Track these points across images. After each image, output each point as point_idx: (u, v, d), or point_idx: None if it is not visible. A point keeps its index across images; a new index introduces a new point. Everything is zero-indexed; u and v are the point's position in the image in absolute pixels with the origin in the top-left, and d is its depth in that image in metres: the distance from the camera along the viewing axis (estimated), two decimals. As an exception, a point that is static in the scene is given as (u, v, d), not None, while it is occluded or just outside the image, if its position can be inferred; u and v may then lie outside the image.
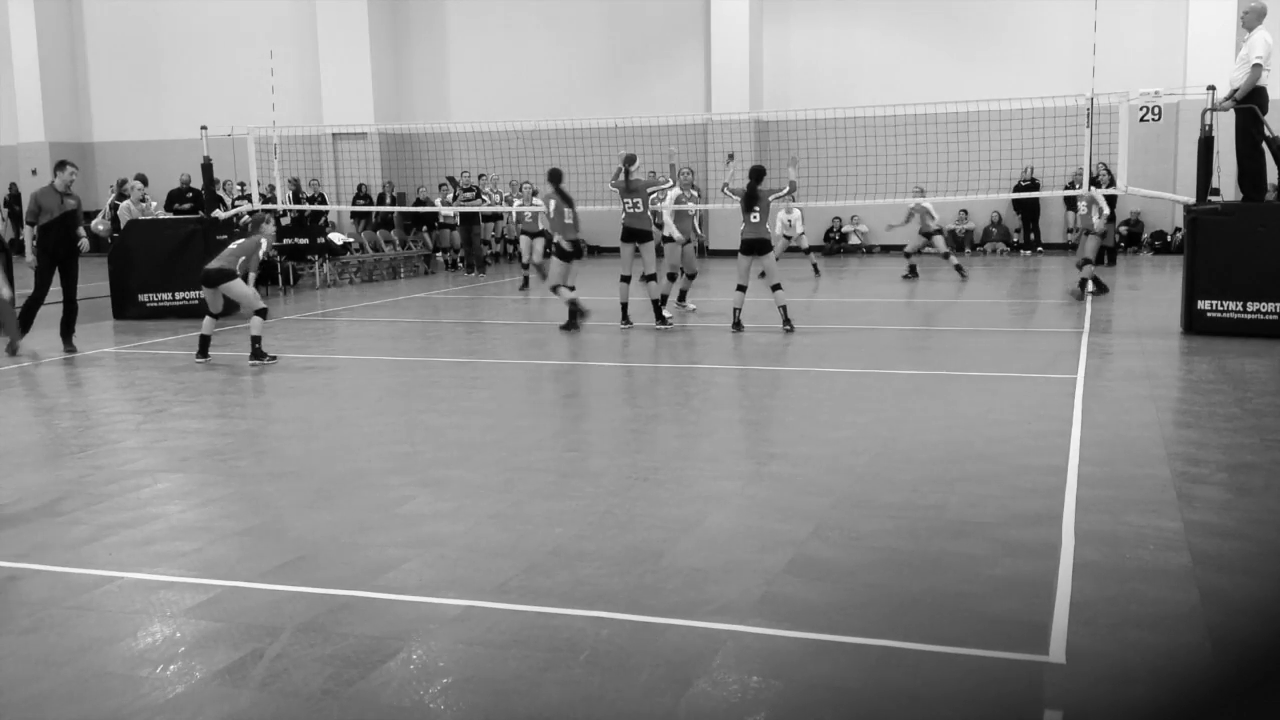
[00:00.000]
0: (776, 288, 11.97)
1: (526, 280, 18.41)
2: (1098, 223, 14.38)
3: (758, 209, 11.84)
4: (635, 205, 12.63)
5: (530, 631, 4.15)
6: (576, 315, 12.45)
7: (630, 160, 12.82)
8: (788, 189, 12.66)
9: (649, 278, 12.57)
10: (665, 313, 12.65)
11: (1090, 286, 14.49)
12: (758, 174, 12.14)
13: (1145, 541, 5.00)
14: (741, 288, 11.96)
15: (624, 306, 12.75)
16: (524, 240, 18.50)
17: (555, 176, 12.62)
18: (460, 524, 5.49)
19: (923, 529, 5.25)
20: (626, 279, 12.74)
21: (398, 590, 4.62)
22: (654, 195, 12.95)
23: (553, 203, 12.60)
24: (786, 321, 11.80)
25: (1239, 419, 7.51)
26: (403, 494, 6.06)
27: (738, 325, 11.93)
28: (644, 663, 3.85)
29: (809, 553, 4.93)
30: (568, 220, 12.52)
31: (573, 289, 12.51)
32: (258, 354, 10.51)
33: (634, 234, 12.61)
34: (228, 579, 4.79)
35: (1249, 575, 4.68)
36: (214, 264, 10.73)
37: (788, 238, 18.39)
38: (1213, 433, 7.15)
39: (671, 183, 13.55)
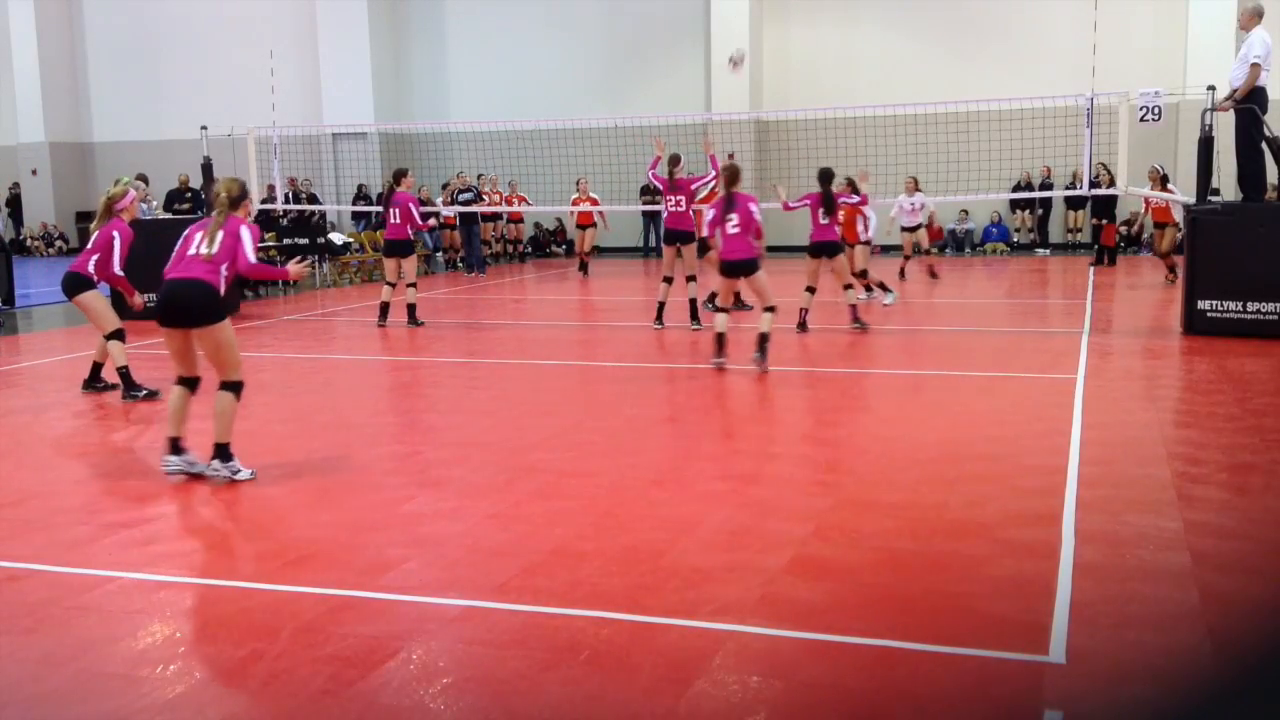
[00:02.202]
0: (848, 286, 12.14)
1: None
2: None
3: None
4: (679, 204, 12.50)
5: (530, 631, 4.15)
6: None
7: (676, 161, 12.70)
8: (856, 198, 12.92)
9: (692, 278, 12.45)
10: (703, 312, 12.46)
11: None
12: (828, 176, 11.85)
13: (1145, 541, 5.00)
14: (810, 289, 11.81)
15: (660, 306, 12.50)
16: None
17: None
18: (460, 524, 5.49)
19: (923, 529, 5.25)
20: (669, 280, 12.56)
21: (398, 590, 4.61)
22: (699, 190, 12.74)
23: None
24: (856, 319, 11.75)
25: (1239, 419, 7.51)
26: (403, 494, 6.06)
27: (802, 326, 11.73)
28: (644, 663, 3.85)
29: (809, 553, 4.93)
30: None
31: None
32: (129, 384, 8.87)
33: (678, 235, 12.48)
34: (228, 579, 4.79)
35: (1249, 575, 4.67)
36: (71, 266, 8.98)
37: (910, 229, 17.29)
38: (1213, 433, 7.15)
39: (715, 173, 13.25)
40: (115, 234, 8.75)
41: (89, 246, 8.92)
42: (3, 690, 3.78)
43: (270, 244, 18.15)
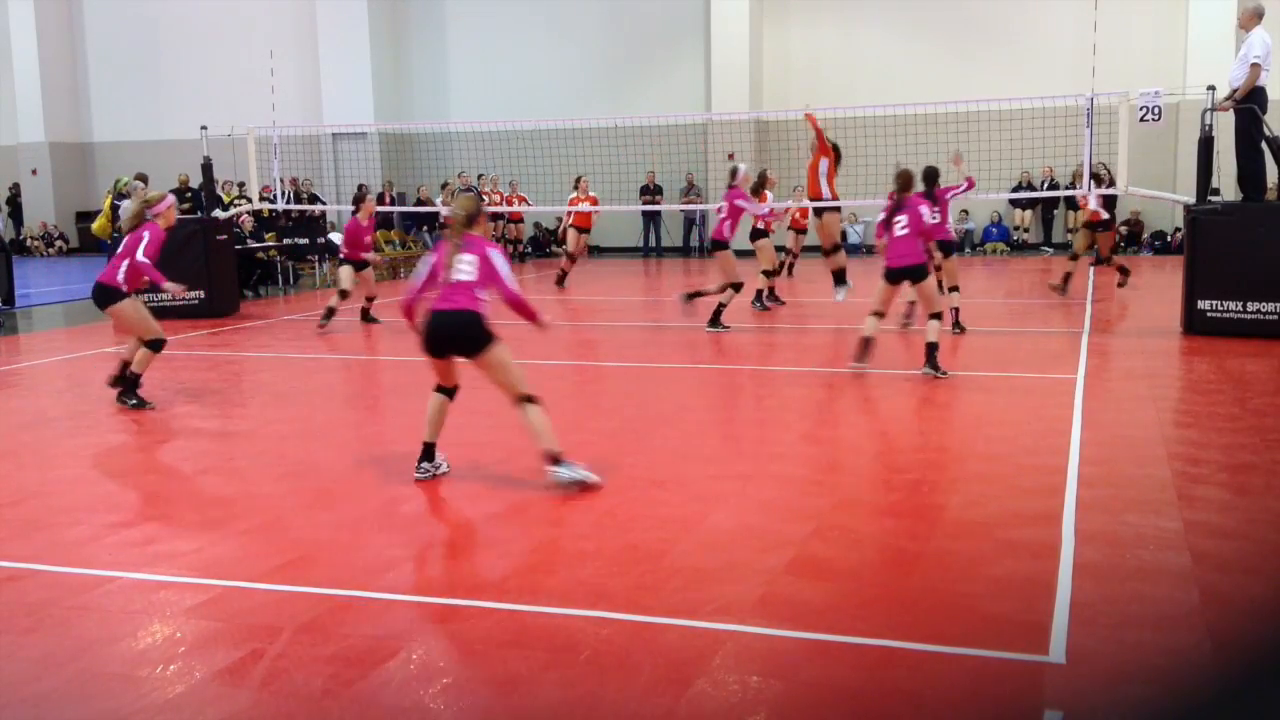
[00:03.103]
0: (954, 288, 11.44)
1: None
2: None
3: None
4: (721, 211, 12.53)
5: (530, 631, 4.15)
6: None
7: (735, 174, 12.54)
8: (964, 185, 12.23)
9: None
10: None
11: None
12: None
13: (1145, 541, 5.00)
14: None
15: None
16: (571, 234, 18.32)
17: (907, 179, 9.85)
18: (460, 524, 5.49)
19: (923, 529, 5.25)
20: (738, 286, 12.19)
21: (398, 590, 4.62)
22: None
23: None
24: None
25: (1239, 419, 7.51)
26: (403, 494, 6.06)
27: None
28: (644, 663, 3.85)
29: (809, 553, 4.93)
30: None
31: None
32: (131, 389, 8.56)
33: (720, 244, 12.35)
34: (228, 579, 4.79)
35: (1249, 575, 4.68)
36: (99, 277, 8.57)
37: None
38: (1213, 433, 7.15)
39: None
40: (145, 233, 8.42)
41: (119, 251, 8.57)
42: (3, 690, 3.78)
43: (270, 244, 18.16)
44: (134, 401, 8.49)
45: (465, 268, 6.06)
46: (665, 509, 5.67)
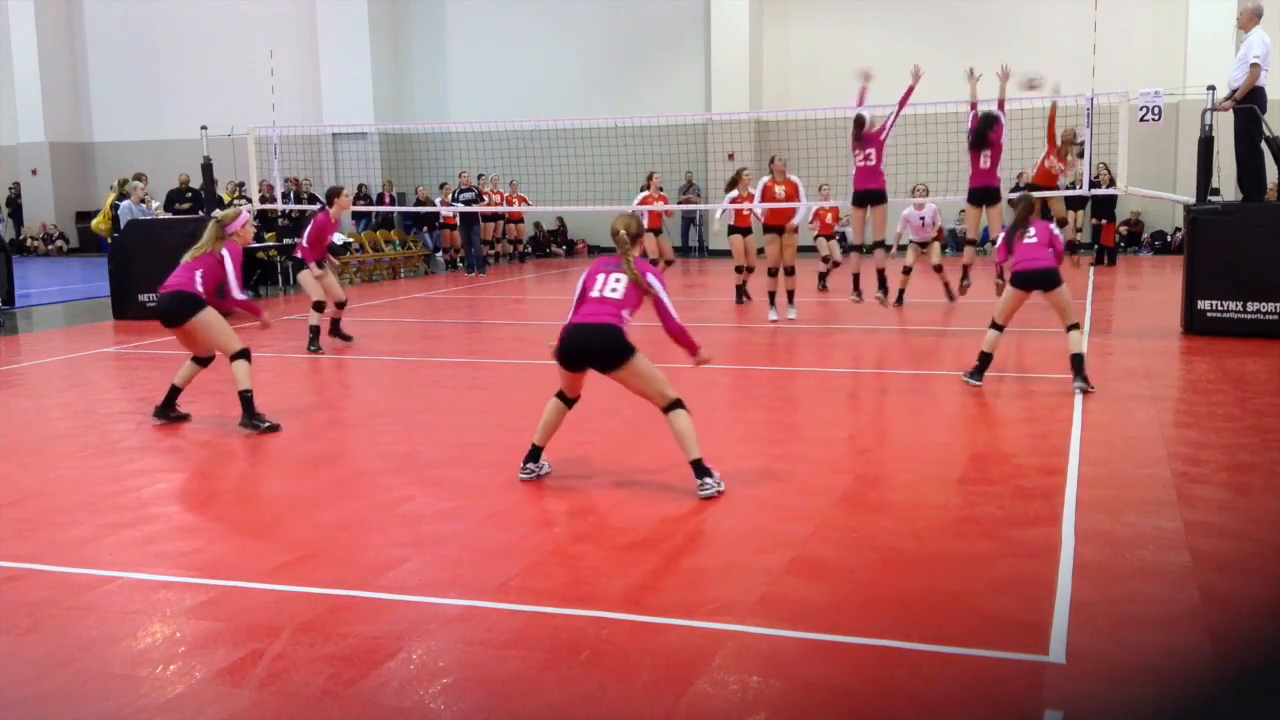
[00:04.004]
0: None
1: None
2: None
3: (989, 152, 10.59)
4: (867, 159, 12.99)
5: (530, 631, 4.15)
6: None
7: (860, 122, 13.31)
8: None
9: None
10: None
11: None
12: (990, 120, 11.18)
13: (1145, 541, 5.00)
14: (972, 242, 10.92)
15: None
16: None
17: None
18: (460, 524, 5.49)
19: (923, 529, 5.25)
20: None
21: (398, 590, 4.61)
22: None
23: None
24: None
25: (1239, 419, 7.51)
26: (403, 494, 6.06)
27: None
28: (644, 663, 3.85)
29: (809, 553, 4.93)
30: None
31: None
32: (250, 412, 7.70)
33: (868, 195, 12.76)
34: (228, 579, 4.79)
35: (1249, 575, 4.68)
36: (172, 284, 7.71)
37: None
38: (1213, 433, 7.15)
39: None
40: (225, 253, 7.71)
41: (188, 261, 7.74)
42: (3, 690, 3.78)
43: (270, 244, 18.16)
44: (264, 425, 7.58)
45: (617, 286, 6.01)
46: (665, 509, 5.67)
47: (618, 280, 6.04)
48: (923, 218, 15.28)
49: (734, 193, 14.23)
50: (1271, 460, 6.47)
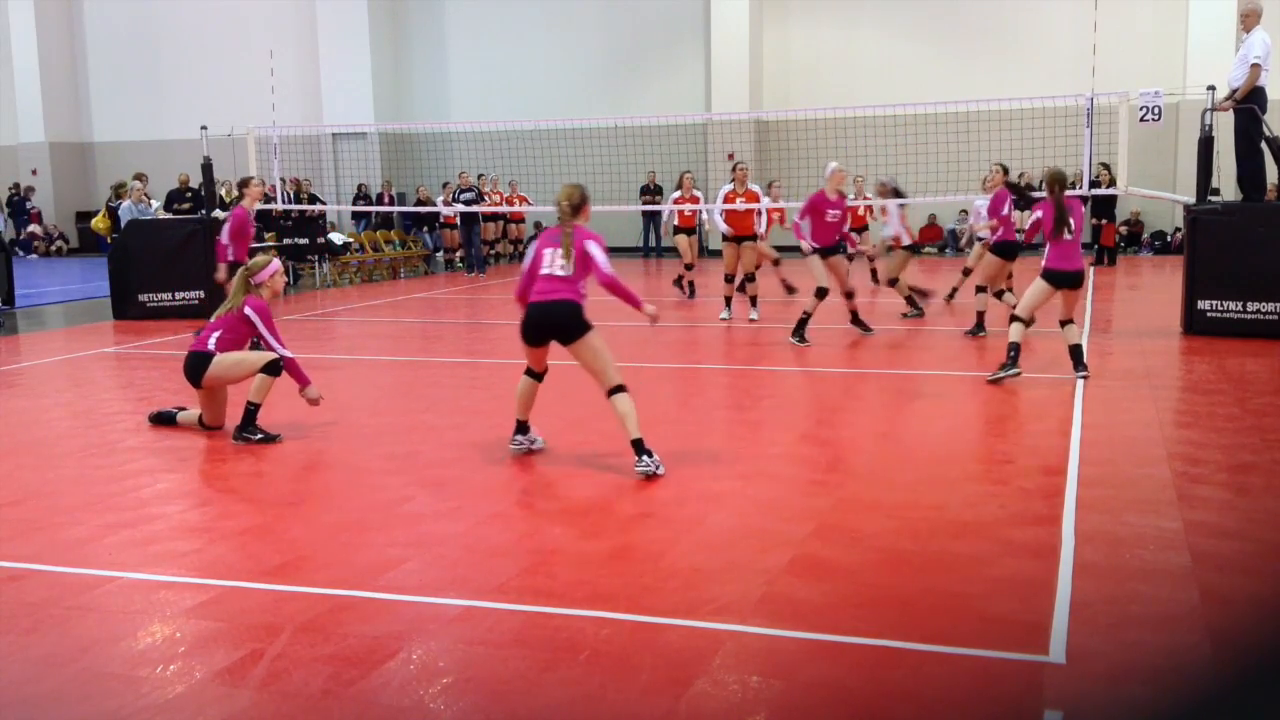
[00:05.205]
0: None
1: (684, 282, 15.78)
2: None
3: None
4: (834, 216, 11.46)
5: (530, 631, 4.15)
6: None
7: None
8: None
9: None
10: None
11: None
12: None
13: (1145, 541, 5.00)
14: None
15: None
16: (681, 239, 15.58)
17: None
18: (460, 524, 5.49)
19: (923, 529, 5.25)
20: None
21: (398, 590, 4.61)
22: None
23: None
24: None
25: (1239, 419, 7.51)
26: (403, 494, 6.06)
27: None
28: (644, 663, 3.85)
29: (809, 553, 4.93)
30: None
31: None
32: (248, 422, 7.38)
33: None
34: (228, 579, 4.79)
35: (1249, 575, 4.68)
36: (194, 345, 7.58)
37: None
38: (1213, 433, 7.15)
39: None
40: (249, 311, 7.45)
41: (212, 321, 7.64)
42: (3, 690, 3.78)
43: (270, 244, 18.16)
44: (257, 437, 7.32)
45: (564, 263, 6.37)
46: (665, 509, 5.67)
47: (567, 255, 6.38)
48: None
49: (677, 194, 15.26)
50: (1271, 460, 6.47)
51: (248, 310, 7.48)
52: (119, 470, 6.73)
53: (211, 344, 7.47)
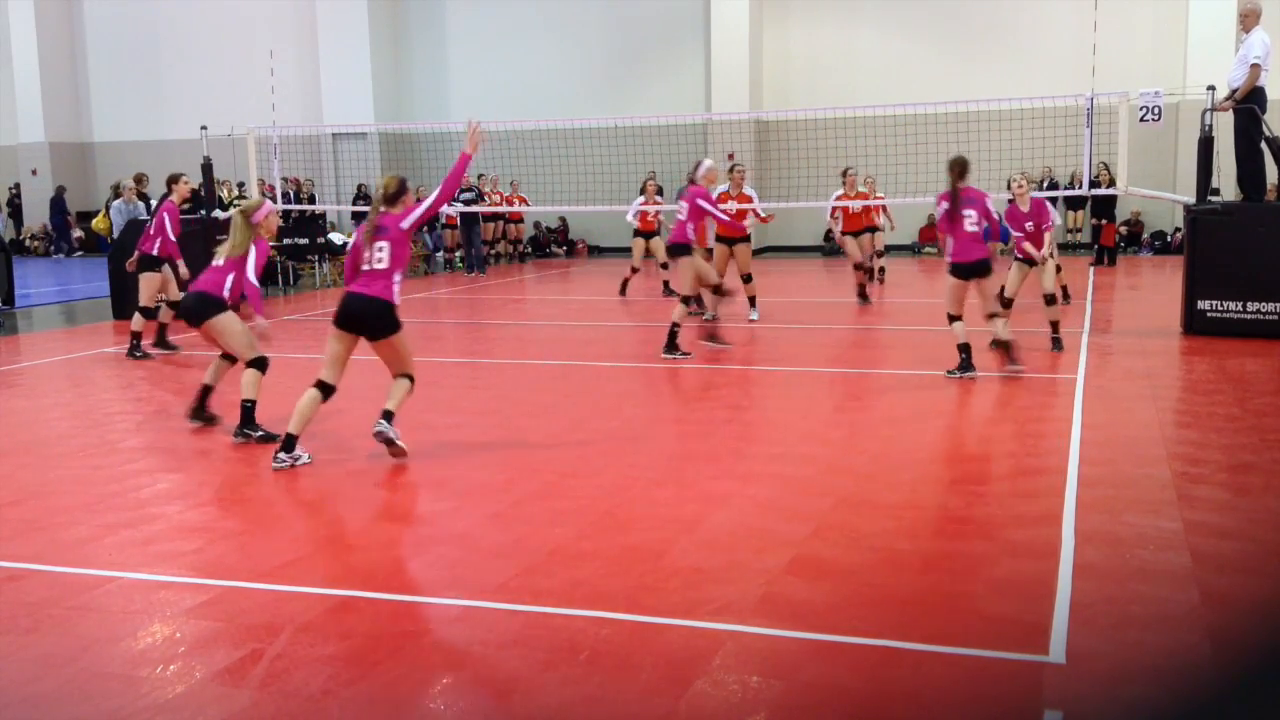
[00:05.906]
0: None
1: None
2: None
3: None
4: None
5: (530, 631, 4.15)
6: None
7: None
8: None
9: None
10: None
11: None
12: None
13: (1145, 541, 5.00)
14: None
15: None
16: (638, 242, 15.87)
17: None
18: (460, 524, 5.49)
19: (923, 529, 5.25)
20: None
21: (397, 590, 4.62)
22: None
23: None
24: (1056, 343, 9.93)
25: (1239, 419, 7.51)
26: (403, 494, 6.06)
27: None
28: (644, 663, 3.85)
29: (809, 553, 4.93)
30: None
31: None
32: (247, 420, 7.42)
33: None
34: (228, 579, 4.79)
35: (1249, 575, 4.68)
36: (200, 284, 7.68)
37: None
38: (1213, 433, 7.15)
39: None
40: (251, 247, 7.59)
41: (221, 264, 7.63)
42: (3, 690, 3.78)
43: (270, 244, 18.15)
44: (258, 434, 7.33)
45: (381, 255, 6.51)
46: (665, 509, 5.67)
47: (380, 249, 6.51)
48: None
49: (641, 198, 15.39)
50: (1271, 460, 6.47)
51: (251, 245, 7.61)
52: (119, 470, 6.73)
53: (226, 289, 7.52)
